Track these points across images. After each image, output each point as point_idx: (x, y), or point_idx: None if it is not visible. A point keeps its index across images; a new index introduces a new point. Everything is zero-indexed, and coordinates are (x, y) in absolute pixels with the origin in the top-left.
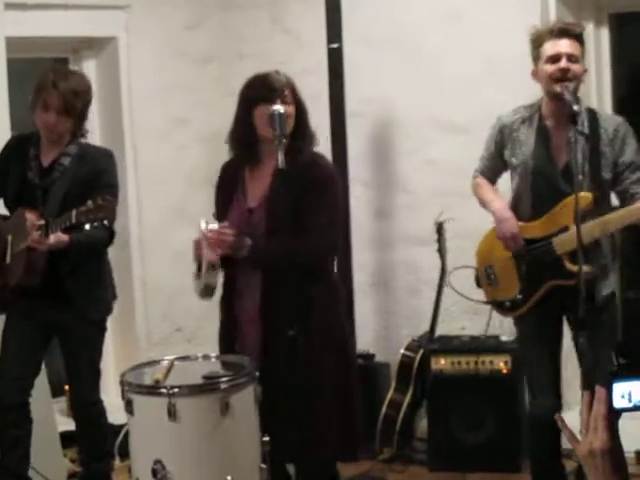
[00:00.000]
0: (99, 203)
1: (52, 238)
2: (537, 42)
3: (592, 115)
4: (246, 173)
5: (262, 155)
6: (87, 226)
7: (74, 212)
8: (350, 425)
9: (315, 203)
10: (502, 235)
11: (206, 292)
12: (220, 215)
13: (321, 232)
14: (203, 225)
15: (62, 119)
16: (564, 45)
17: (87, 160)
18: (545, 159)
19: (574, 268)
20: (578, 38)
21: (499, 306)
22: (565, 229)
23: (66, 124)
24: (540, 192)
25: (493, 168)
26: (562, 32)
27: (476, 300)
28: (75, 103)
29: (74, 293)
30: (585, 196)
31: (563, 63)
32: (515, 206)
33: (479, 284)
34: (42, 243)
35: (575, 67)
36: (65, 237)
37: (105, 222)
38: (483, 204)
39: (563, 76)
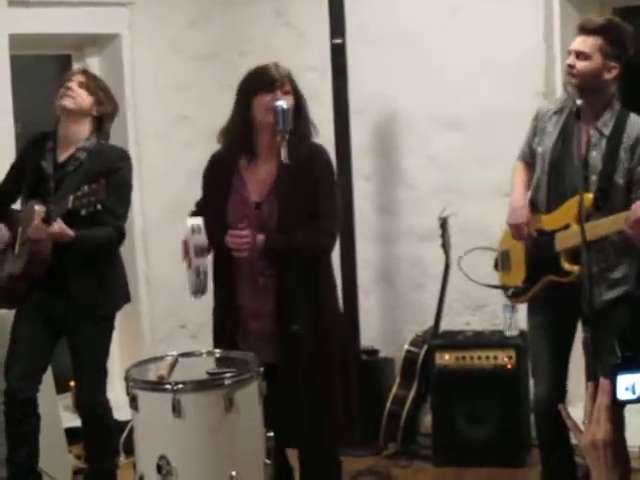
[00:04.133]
0: (93, 187)
1: (55, 227)
2: None
3: (621, 117)
4: (241, 166)
5: (259, 147)
6: (83, 211)
7: (71, 197)
8: (350, 410)
9: (321, 193)
10: (508, 222)
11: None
12: (214, 209)
13: (329, 221)
14: (193, 224)
15: (81, 91)
16: (574, 43)
17: (102, 157)
18: (563, 153)
19: (567, 266)
20: (596, 32)
21: (505, 291)
22: (567, 227)
23: (85, 98)
24: (555, 185)
25: (529, 153)
26: (579, 29)
27: (486, 284)
28: (97, 85)
29: (79, 291)
30: (586, 197)
31: (568, 60)
32: (534, 196)
33: (497, 267)
34: (42, 230)
35: (581, 64)
36: (70, 232)
37: (99, 206)
38: (511, 189)
39: (569, 72)
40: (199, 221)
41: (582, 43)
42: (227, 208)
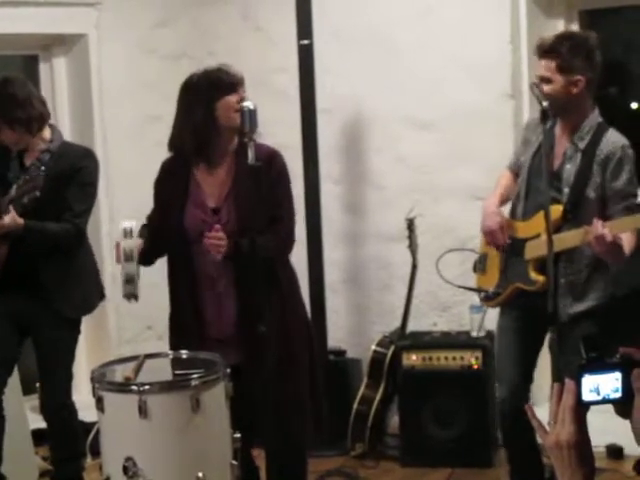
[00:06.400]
0: (33, 174)
1: (7, 218)
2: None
3: (599, 131)
4: (197, 171)
5: (216, 151)
6: (25, 199)
7: (14, 186)
8: (317, 410)
9: (279, 196)
10: (482, 229)
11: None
12: (171, 217)
13: (288, 223)
14: (125, 226)
15: (8, 132)
16: (538, 68)
17: (66, 157)
18: (541, 164)
19: (533, 275)
20: (550, 52)
21: (478, 294)
22: (537, 236)
23: (17, 135)
24: (532, 195)
25: (517, 163)
26: (537, 52)
27: (461, 286)
28: (16, 113)
29: (48, 289)
30: (555, 209)
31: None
32: (515, 203)
33: (475, 269)
34: None
35: (546, 88)
36: (20, 220)
37: (37, 193)
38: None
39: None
40: (132, 224)
41: (541, 67)
42: (184, 215)
